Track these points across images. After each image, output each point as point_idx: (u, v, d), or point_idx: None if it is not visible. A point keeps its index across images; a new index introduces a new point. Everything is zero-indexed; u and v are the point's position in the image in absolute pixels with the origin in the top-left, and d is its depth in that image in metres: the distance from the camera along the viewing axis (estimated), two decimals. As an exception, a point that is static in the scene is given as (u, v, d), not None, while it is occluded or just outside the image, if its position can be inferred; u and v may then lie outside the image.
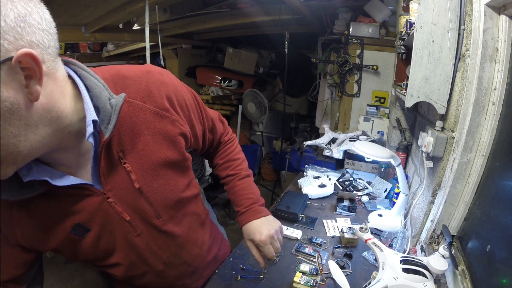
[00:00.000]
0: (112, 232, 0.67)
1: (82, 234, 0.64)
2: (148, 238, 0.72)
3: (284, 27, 2.53)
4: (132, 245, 0.71)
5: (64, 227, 0.61)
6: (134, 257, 0.73)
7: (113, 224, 0.66)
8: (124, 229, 0.68)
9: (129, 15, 2.55)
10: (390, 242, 1.23)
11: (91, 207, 0.62)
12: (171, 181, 0.72)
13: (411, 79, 1.06)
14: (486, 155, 0.88)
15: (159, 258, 0.77)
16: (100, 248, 0.68)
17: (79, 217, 0.62)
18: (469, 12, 0.91)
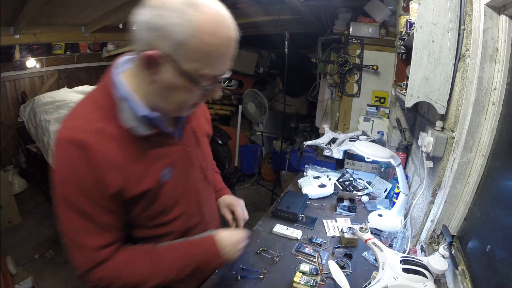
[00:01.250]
0: (186, 178, 0.84)
1: (166, 178, 0.77)
2: (204, 186, 0.92)
3: (284, 27, 2.54)
4: (195, 191, 0.88)
5: (158, 167, 0.75)
6: (194, 205, 0.88)
7: (188, 170, 0.84)
8: (194, 175, 0.86)
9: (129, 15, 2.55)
10: (390, 242, 1.23)
11: (177, 153, 0.80)
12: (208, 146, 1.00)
13: (411, 79, 1.06)
14: (486, 155, 0.88)
15: (208, 208, 0.95)
16: (174, 195, 0.81)
17: (169, 160, 0.77)
18: (469, 12, 0.91)
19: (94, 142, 0.65)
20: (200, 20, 0.58)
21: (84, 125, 0.66)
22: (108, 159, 0.66)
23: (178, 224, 0.84)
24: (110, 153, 0.66)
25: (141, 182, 0.71)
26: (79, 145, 0.64)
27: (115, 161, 0.67)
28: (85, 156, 0.64)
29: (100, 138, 0.66)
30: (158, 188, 0.75)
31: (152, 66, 0.63)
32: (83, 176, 0.65)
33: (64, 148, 0.65)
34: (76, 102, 0.73)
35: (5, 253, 2.36)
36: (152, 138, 0.73)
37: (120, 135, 0.68)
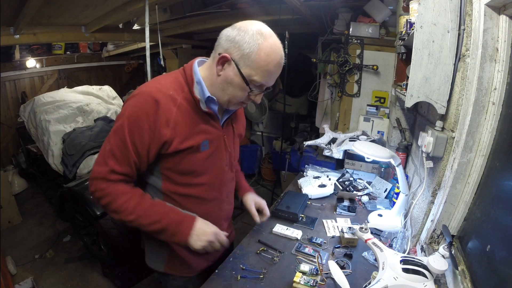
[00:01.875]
0: (217, 156, 1.03)
1: (204, 148, 0.98)
2: (228, 170, 1.10)
3: (284, 27, 2.53)
4: (221, 170, 1.07)
5: (201, 137, 0.97)
6: (217, 181, 1.06)
7: (220, 151, 1.04)
8: (223, 157, 1.06)
9: (129, 15, 2.55)
10: (390, 242, 1.23)
11: (217, 134, 1.02)
12: (238, 144, 1.19)
13: (411, 79, 1.06)
14: (486, 155, 0.88)
15: (227, 188, 1.13)
16: (206, 164, 1.00)
17: (209, 136, 0.99)
18: (469, 12, 0.91)
19: (164, 102, 0.89)
20: (262, 44, 0.86)
21: (162, 89, 0.90)
22: (169, 116, 0.89)
23: (199, 191, 1.03)
24: (172, 113, 0.90)
25: (186, 141, 0.93)
26: (155, 99, 0.88)
27: (174, 120, 0.90)
28: (156, 107, 0.87)
29: (169, 101, 0.90)
30: (196, 151, 0.96)
31: (222, 64, 0.90)
32: (147, 120, 0.87)
33: (144, 97, 0.89)
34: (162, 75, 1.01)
35: (5, 253, 2.36)
36: (205, 116, 0.97)
37: (183, 104, 0.92)
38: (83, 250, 2.58)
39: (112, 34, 2.96)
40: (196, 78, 0.95)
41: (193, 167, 0.99)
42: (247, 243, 1.25)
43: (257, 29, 0.87)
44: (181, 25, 3.04)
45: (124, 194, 0.92)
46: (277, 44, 0.91)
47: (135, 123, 0.88)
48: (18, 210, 3.03)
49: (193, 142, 0.94)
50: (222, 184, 1.09)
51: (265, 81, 0.91)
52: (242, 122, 1.21)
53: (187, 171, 0.99)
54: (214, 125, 1.00)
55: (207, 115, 0.97)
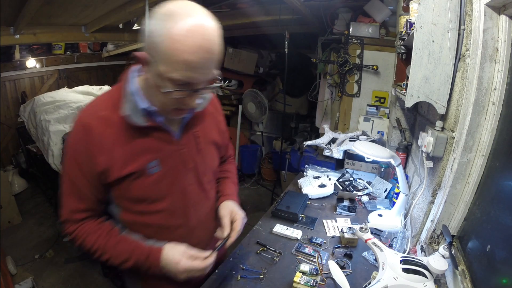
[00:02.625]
0: (174, 176, 0.88)
1: (152, 171, 0.84)
2: (195, 190, 0.94)
3: (284, 27, 2.53)
4: (183, 192, 0.91)
5: (146, 158, 0.83)
6: (179, 205, 0.91)
7: (177, 169, 0.88)
8: (183, 176, 0.90)
9: (129, 15, 2.55)
10: (390, 242, 1.23)
11: (169, 150, 0.86)
12: (214, 155, 1.02)
13: (411, 79, 1.06)
14: (486, 155, 0.88)
15: (196, 213, 0.95)
16: (159, 189, 0.86)
17: (159, 154, 0.84)
18: (469, 12, 0.91)
19: (96, 125, 0.78)
20: (172, 28, 0.65)
21: (94, 111, 0.81)
22: (103, 141, 0.79)
23: (159, 219, 0.90)
24: (106, 137, 0.79)
25: (127, 165, 0.81)
26: (84, 127, 0.79)
27: (109, 143, 0.79)
28: (86, 136, 0.78)
29: (101, 123, 0.79)
30: (143, 175, 0.83)
31: (143, 66, 0.76)
32: (81, 151, 0.80)
33: (76, 126, 0.81)
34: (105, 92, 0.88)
35: (5, 253, 2.36)
36: (149, 131, 0.82)
37: (120, 123, 0.79)
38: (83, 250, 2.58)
39: (112, 34, 2.95)
40: (130, 89, 0.80)
41: (144, 193, 0.85)
42: (247, 243, 1.25)
43: (167, 10, 0.67)
44: (181, 25, 3.04)
45: (91, 234, 0.86)
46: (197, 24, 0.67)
47: (73, 157, 0.81)
48: (18, 210, 3.04)
49: (135, 165, 0.81)
50: (187, 208, 0.92)
51: (188, 77, 0.70)
52: (216, 125, 1.01)
53: (139, 199, 0.86)
54: (165, 140, 0.85)
55: (153, 129, 0.82)
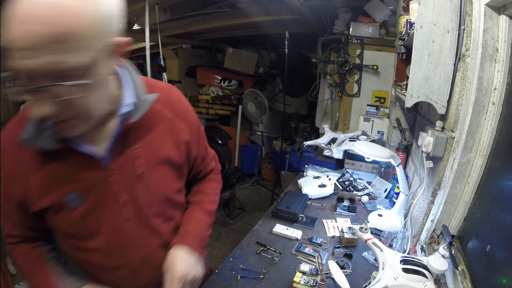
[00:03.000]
0: (102, 212, 0.70)
1: (74, 204, 0.68)
2: (135, 226, 0.74)
3: (284, 27, 2.53)
4: (117, 230, 0.73)
5: (63, 189, 0.66)
6: (115, 244, 0.74)
7: (106, 203, 0.70)
8: (115, 211, 0.71)
9: (129, 15, 2.55)
10: (390, 242, 1.23)
11: (93, 179, 0.68)
12: (168, 178, 0.78)
13: (411, 79, 1.06)
14: (486, 155, 0.88)
15: (139, 253, 0.77)
16: (85, 225, 0.71)
17: (79, 185, 0.67)
18: (469, 12, 0.91)
19: (9, 148, 0.66)
20: None
21: (9, 131, 0.67)
22: (16, 167, 0.66)
23: (95, 257, 0.75)
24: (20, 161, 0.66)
25: (42, 197, 0.67)
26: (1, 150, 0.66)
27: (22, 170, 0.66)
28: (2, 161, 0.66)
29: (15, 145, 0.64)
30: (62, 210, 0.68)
31: None
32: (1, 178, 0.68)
33: None
34: None
35: (5, 253, 2.36)
36: (65, 155, 0.65)
37: None
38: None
39: (112, 34, 2.95)
40: None
41: (69, 230, 0.71)
42: (247, 243, 1.25)
43: None
44: (181, 25, 3.04)
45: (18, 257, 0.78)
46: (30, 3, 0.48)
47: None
48: (18, 210, 3.03)
49: (51, 198, 0.66)
50: (126, 248, 0.75)
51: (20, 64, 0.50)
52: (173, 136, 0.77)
53: (66, 235, 0.74)
54: (86, 165, 0.66)
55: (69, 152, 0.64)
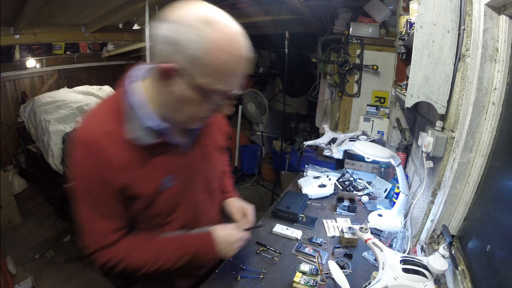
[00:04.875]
0: (186, 189, 0.87)
1: (167, 185, 0.82)
2: (204, 198, 0.95)
3: (284, 27, 2.53)
4: (193, 202, 0.91)
5: (159, 174, 0.80)
6: (191, 215, 0.92)
7: (188, 181, 0.87)
8: (194, 187, 0.90)
9: (129, 15, 2.55)
10: (390, 242, 1.23)
11: (180, 164, 0.84)
12: (220, 159, 1.04)
13: (411, 79, 1.06)
14: (486, 155, 0.88)
15: (206, 219, 0.96)
16: (173, 202, 0.86)
17: (171, 169, 0.82)
18: (469, 12, 0.91)
19: (103, 143, 0.71)
20: (214, 37, 0.62)
21: (98, 127, 0.73)
22: (113, 160, 0.72)
23: (172, 227, 0.89)
24: (116, 155, 0.72)
25: (142, 185, 0.77)
26: (90, 145, 0.71)
27: (120, 162, 0.73)
28: (95, 155, 0.71)
29: (109, 140, 0.72)
30: (157, 193, 0.80)
31: (167, 78, 0.67)
32: (92, 173, 0.73)
33: (78, 147, 0.73)
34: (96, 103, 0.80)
35: (5, 253, 2.36)
36: (158, 147, 0.77)
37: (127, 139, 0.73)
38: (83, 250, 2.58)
39: (112, 34, 2.96)
40: (134, 102, 0.73)
41: (159, 209, 0.84)
42: (247, 243, 1.25)
43: (202, 17, 0.62)
44: (181, 25, 3.04)
45: (134, 251, 0.82)
46: (234, 30, 0.65)
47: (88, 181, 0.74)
48: (18, 210, 3.03)
49: (151, 184, 0.79)
50: (198, 216, 0.94)
51: (230, 86, 0.69)
52: (220, 130, 1.01)
53: (153, 215, 0.85)
54: (175, 153, 0.82)
55: (163, 144, 0.78)
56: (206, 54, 0.62)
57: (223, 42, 0.63)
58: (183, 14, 0.63)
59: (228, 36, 0.64)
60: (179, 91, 0.68)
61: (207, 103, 0.71)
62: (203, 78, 0.65)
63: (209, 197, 0.97)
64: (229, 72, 0.67)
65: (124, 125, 0.73)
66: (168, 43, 0.63)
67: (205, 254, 0.89)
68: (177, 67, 0.64)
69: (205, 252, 0.89)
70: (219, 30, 0.63)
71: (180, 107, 0.72)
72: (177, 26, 0.62)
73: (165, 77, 0.67)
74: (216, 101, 0.71)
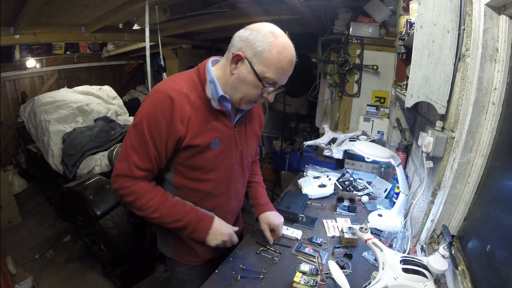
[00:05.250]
0: (227, 154, 1.06)
1: (214, 146, 1.01)
2: (238, 168, 1.13)
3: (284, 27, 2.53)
4: (230, 168, 1.09)
5: (211, 134, 1.00)
6: (226, 178, 1.09)
7: (231, 149, 1.07)
8: (233, 155, 1.08)
9: (129, 15, 2.55)
10: (390, 242, 1.23)
11: (228, 133, 1.04)
12: (255, 144, 1.24)
13: (411, 79, 1.06)
14: (486, 155, 0.88)
15: (235, 185, 1.15)
16: (215, 162, 1.03)
17: (220, 134, 1.02)
18: (469, 12, 0.91)
19: (179, 100, 0.93)
20: (274, 42, 0.89)
21: (177, 87, 0.95)
22: (183, 114, 0.93)
23: (208, 186, 1.06)
24: (186, 111, 0.94)
25: (198, 138, 0.97)
26: (170, 97, 0.92)
27: (187, 117, 0.94)
28: (171, 105, 0.91)
29: (183, 99, 0.94)
30: (206, 149, 1.00)
31: (236, 62, 0.93)
32: (162, 117, 0.91)
33: (160, 95, 0.93)
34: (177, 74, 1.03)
35: (5, 253, 2.36)
36: (217, 114, 1.00)
37: (197, 102, 0.96)
38: (83, 250, 2.58)
39: (112, 34, 2.96)
40: (209, 77, 0.98)
41: (203, 163, 1.02)
42: (247, 243, 1.25)
43: (269, 29, 0.91)
44: (181, 25, 3.04)
45: (148, 193, 0.98)
46: (289, 43, 0.94)
47: (153, 120, 0.92)
48: (18, 210, 3.03)
49: (204, 139, 0.98)
50: (230, 181, 1.12)
51: (278, 79, 0.94)
52: (259, 122, 1.23)
53: (197, 167, 1.02)
54: (226, 124, 1.03)
55: (220, 113, 1.00)
56: (265, 51, 0.89)
57: (279, 47, 0.89)
58: (258, 25, 0.93)
59: (282, 44, 0.90)
60: (241, 73, 0.93)
61: (258, 88, 0.94)
62: (260, 66, 0.90)
63: (241, 169, 1.15)
64: (279, 66, 0.91)
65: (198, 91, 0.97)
66: (242, 40, 0.91)
67: (197, 229, 1.03)
68: (242, 55, 0.91)
69: (198, 228, 1.03)
70: (278, 39, 0.90)
71: (238, 86, 0.95)
72: (251, 31, 0.91)
73: (234, 62, 0.93)
74: (265, 87, 0.93)
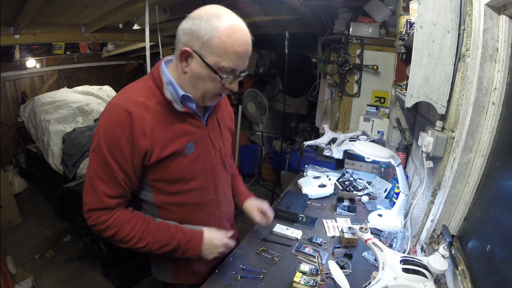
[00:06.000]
0: (205, 157, 0.98)
1: (189, 152, 0.92)
2: (221, 168, 1.06)
3: (284, 27, 2.53)
4: (212, 170, 1.01)
5: (182, 140, 0.91)
6: (210, 182, 1.01)
7: (209, 150, 0.99)
8: (212, 156, 1.00)
9: (129, 15, 2.55)
10: (390, 242, 1.23)
11: (201, 134, 0.96)
12: (230, 139, 1.14)
13: (411, 79, 1.06)
14: (486, 155, 0.88)
15: (222, 188, 1.07)
16: (193, 168, 0.95)
17: (193, 137, 0.93)
18: (469, 12, 0.91)
19: (136, 110, 0.84)
20: (220, 25, 0.79)
21: (131, 97, 0.86)
22: (144, 125, 0.84)
23: (193, 196, 0.98)
24: (146, 121, 0.85)
25: (168, 147, 0.88)
26: (125, 110, 0.83)
27: (150, 128, 0.85)
28: (129, 118, 0.82)
29: (141, 108, 0.85)
30: (180, 156, 0.91)
31: (185, 59, 0.84)
32: (121, 135, 0.82)
33: (114, 110, 0.84)
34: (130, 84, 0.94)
35: (5, 253, 2.36)
36: (183, 117, 0.91)
37: (157, 109, 0.87)
38: (83, 250, 2.58)
39: (112, 34, 2.95)
40: (165, 79, 0.89)
41: (181, 173, 0.93)
42: (247, 243, 1.25)
43: (212, 12, 0.80)
44: (181, 25, 3.04)
45: (128, 222, 0.89)
46: (238, 22, 0.83)
47: (112, 139, 0.83)
48: (18, 210, 3.03)
49: (175, 147, 0.89)
50: (216, 185, 1.03)
51: (235, 65, 0.84)
52: (229, 114, 1.15)
53: (176, 179, 0.94)
54: (196, 124, 0.95)
55: (186, 115, 0.92)
56: (213, 39, 0.79)
57: (228, 29, 0.79)
58: (199, 11, 0.82)
59: (231, 26, 0.80)
60: (194, 68, 0.84)
61: (217, 81, 0.85)
62: (212, 57, 0.81)
63: (224, 169, 1.08)
64: (232, 51, 0.81)
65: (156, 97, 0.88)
66: (186, 33, 0.82)
67: (189, 249, 0.95)
68: (190, 50, 0.81)
69: (189, 247, 0.95)
70: (224, 21, 0.79)
71: (196, 84, 0.87)
72: (192, 20, 0.81)
73: (183, 59, 0.84)
74: (223, 78, 0.84)
